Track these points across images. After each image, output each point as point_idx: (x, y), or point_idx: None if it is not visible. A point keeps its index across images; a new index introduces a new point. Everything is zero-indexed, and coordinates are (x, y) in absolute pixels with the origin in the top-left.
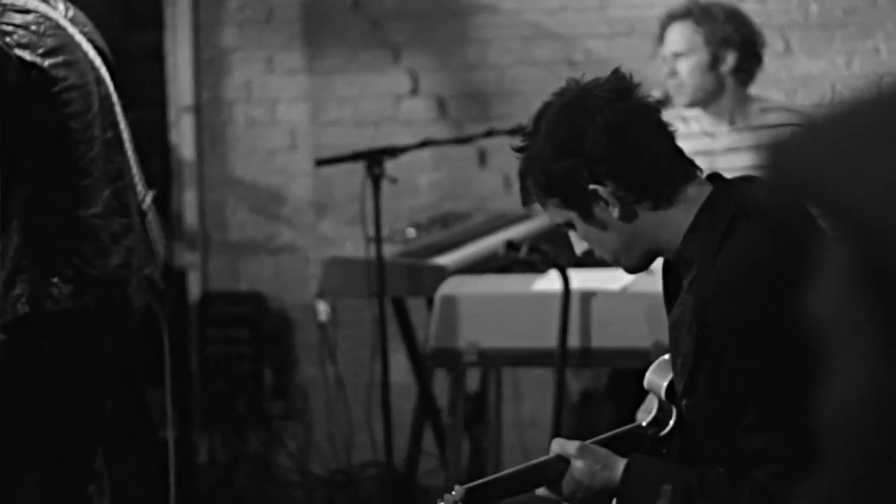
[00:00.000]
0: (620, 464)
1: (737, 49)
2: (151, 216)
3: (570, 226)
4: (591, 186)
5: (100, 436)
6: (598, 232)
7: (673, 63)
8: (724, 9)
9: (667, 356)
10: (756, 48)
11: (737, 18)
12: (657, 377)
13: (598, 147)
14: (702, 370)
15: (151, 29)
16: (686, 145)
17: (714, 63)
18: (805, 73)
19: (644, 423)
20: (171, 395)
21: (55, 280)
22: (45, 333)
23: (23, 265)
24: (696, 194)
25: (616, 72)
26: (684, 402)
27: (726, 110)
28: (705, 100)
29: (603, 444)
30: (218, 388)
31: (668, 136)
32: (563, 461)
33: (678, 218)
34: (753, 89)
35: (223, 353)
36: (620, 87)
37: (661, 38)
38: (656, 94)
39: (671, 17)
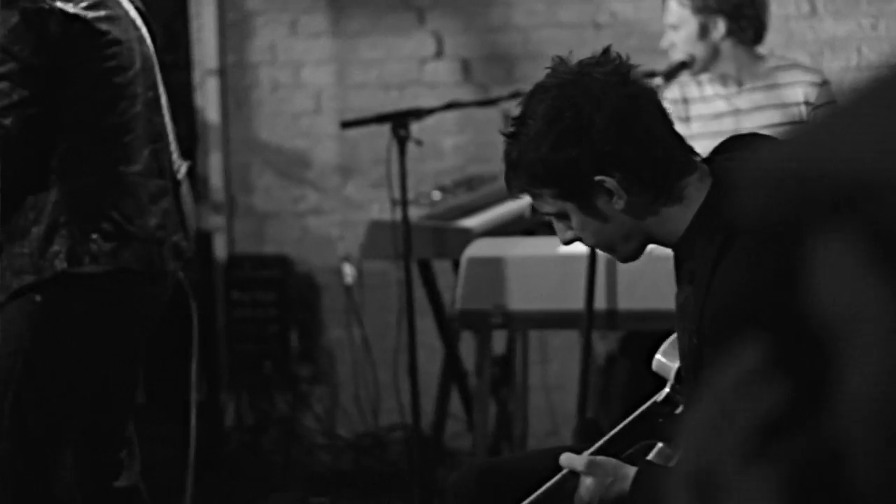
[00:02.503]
0: (631, 473)
1: (723, 15)
2: (185, 187)
3: (560, 216)
4: (597, 178)
5: (132, 401)
6: (597, 224)
7: (671, 34)
8: None
9: (674, 338)
10: (744, 9)
11: None
12: (668, 360)
13: (606, 136)
14: (700, 377)
15: None
16: (704, 108)
17: (703, 32)
18: (831, 36)
19: (658, 400)
20: (199, 361)
21: (95, 236)
22: (82, 292)
23: (61, 221)
24: (696, 192)
25: (607, 51)
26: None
27: (730, 73)
28: (704, 68)
29: (622, 432)
30: (244, 350)
31: (668, 122)
32: (573, 476)
33: (678, 216)
34: (780, 50)
35: (250, 316)
36: (620, 70)
37: (664, 8)
38: (680, 56)
39: None
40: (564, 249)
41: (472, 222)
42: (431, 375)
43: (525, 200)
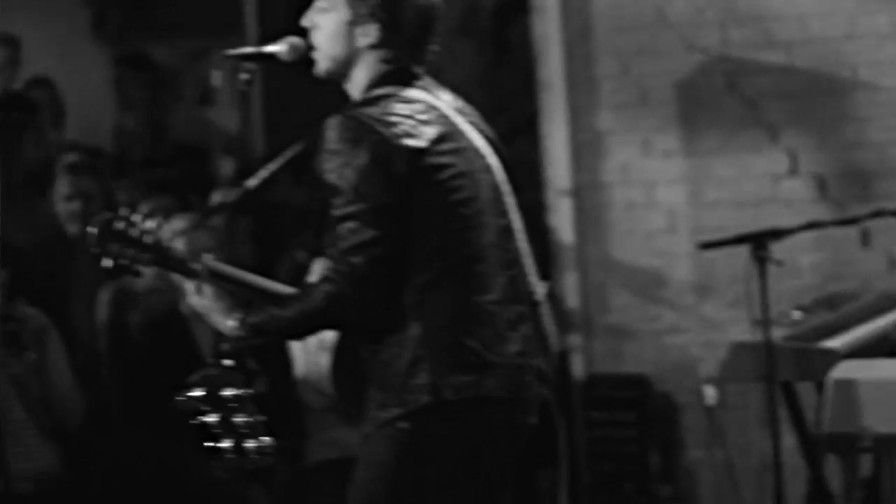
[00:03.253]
0: None
1: None
2: (545, 308)
3: None
4: None
5: None
6: None
7: None
8: None
9: None
10: None
11: None
12: None
13: None
14: None
15: (523, 110)
16: None
17: None
18: None
19: None
20: (563, 482)
21: (456, 369)
22: (446, 419)
23: (423, 355)
24: None
25: None
26: None
27: None
28: None
29: None
30: (604, 470)
31: None
32: None
33: None
34: None
35: (609, 436)
36: None
37: None
38: None
39: None
40: None
41: (835, 343)
42: (795, 497)
43: (889, 319)
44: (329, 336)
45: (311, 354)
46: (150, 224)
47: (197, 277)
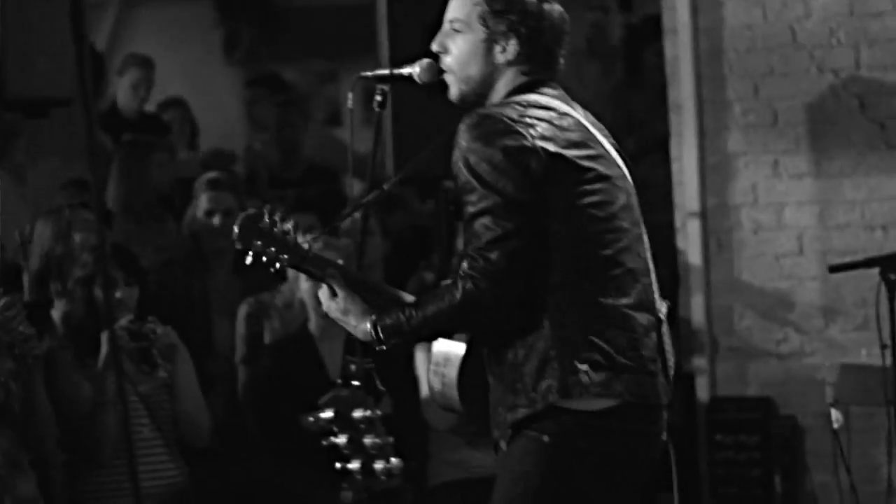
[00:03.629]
0: None
1: None
2: (665, 327)
3: None
4: None
5: None
6: None
7: None
8: None
9: None
10: None
11: None
12: None
13: None
14: None
15: (653, 131)
16: None
17: None
18: None
19: None
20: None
21: (584, 367)
22: (586, 430)
23: (552, 354)
24: None
25: None
26: None
27: None
28: None
29: None
30: (727, 493)
31: None
32: None
33: None
34: None
35: (732, 459)
36: None
37: None
38: None
39: None
40: None
41: None
42: None
43: None
44: (455, 349)
45: (440, 366)
46: (290, 226)
47: (333, 281)
